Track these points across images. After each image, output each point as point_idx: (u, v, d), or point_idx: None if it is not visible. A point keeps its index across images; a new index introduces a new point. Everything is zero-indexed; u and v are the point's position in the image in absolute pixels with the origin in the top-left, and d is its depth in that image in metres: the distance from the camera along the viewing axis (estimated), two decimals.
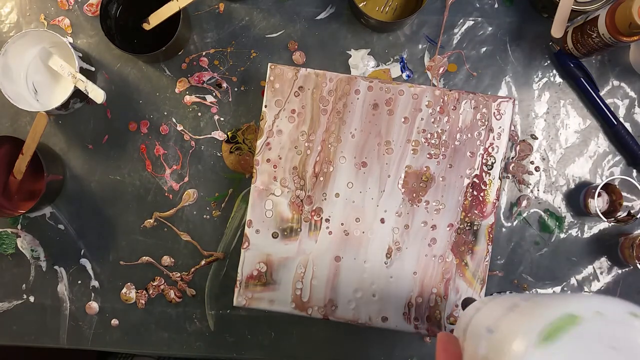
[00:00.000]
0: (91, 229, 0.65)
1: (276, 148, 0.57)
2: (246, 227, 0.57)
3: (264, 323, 0.64)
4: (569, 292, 0.63)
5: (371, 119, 0.57)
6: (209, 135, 0.64)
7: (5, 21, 0.65)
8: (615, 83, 0.64)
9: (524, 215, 0.64)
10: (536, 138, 0.64)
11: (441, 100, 0.57)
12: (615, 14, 0.53)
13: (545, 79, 0.64)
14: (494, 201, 0.57)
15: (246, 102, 0.64)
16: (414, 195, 0.57)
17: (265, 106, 0.57)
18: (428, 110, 0.57)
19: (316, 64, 0.64)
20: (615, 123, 0.62)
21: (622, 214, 0.60)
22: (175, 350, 0.64)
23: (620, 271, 0.63)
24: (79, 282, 0.64)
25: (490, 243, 0.57)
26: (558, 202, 0.64)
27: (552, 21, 0.58)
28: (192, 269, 0.64)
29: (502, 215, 0.64)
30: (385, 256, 0.56)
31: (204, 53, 0.65)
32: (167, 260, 0.64)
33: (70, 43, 0.60)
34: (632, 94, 0.64)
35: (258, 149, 0.57)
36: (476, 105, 0.57)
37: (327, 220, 0.57)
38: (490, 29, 0.64)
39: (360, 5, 0.62)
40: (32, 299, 0.64)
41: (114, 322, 0.64)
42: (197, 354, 0.64)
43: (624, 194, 0.60)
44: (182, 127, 0.64)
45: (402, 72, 0.64)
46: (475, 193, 0.57)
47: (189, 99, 0.64)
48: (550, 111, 0.64)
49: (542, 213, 0.64)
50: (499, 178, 0.57)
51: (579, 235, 0.63)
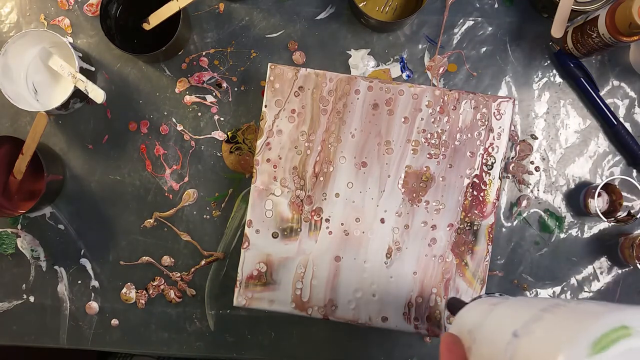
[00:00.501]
0: (91, 229, 0.65)
1: (276, 148, 0.57)
2: (246, 227, 0.57)
3: (264, 323, 0.64)
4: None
5: (371, 119, 0.57)
6: (209, 135, 0.64)
7: (5, 21, 0.65)
8: (615, 83, 0.64)
9: (524, 215, 0.63)
10: (536, 138, 0.64)
11: (441, 100, 0.57)
12: (615, 14, 0.53)
13: (545, 79, 0.64)
14: (494, 201, 0.57)
15: (246, 102, 0.64)
16: (414, 195, 0.57)
17: (265, 106, 0.57)
18: (428, 110, 0.57)
19: (316, 64, 0.64)
20: (615, 123, 0.62)
21: (622, 214, 0.60)
22: (175, 350, 0.64)
23: (620, 271, 0.63)
24: (79, 282, 0.64)
25: (490, 243, 0.57)
26: (558, 202, 0.64)
27: (552, 21, 0.58)
28: (192, 269, 0.64)
29: (502, 215, 0.64)
30: (385, 256, 0.56)
31: (204, 53, 0.65)
32: (167, 260, 0.64)
33: (70, 43, 0.60)
34: (632, 94, 0.64)
35: (258, 149, 0.57)
36: (476, 105, 0.57)
37: (327, 220, 0.57)
38: (490, 29, 0.64)
39: (360, 5, 0.62)
40: (32, 299, 0.64)
41: (114, 322, 0.64)
42: (197, 354, 0.64)
43: (624, 194, 0.60)
44: (182, 127, 0.64)
45: (402, 72, 0.64)
46: (475, 193, 0.57)
47: (189, 99, 0.64)
48: (550, 111, 0.64)
49: (542, 213, 0.64)
50: (499, 178, 0.57)
51: (579, 235, 0.63)
